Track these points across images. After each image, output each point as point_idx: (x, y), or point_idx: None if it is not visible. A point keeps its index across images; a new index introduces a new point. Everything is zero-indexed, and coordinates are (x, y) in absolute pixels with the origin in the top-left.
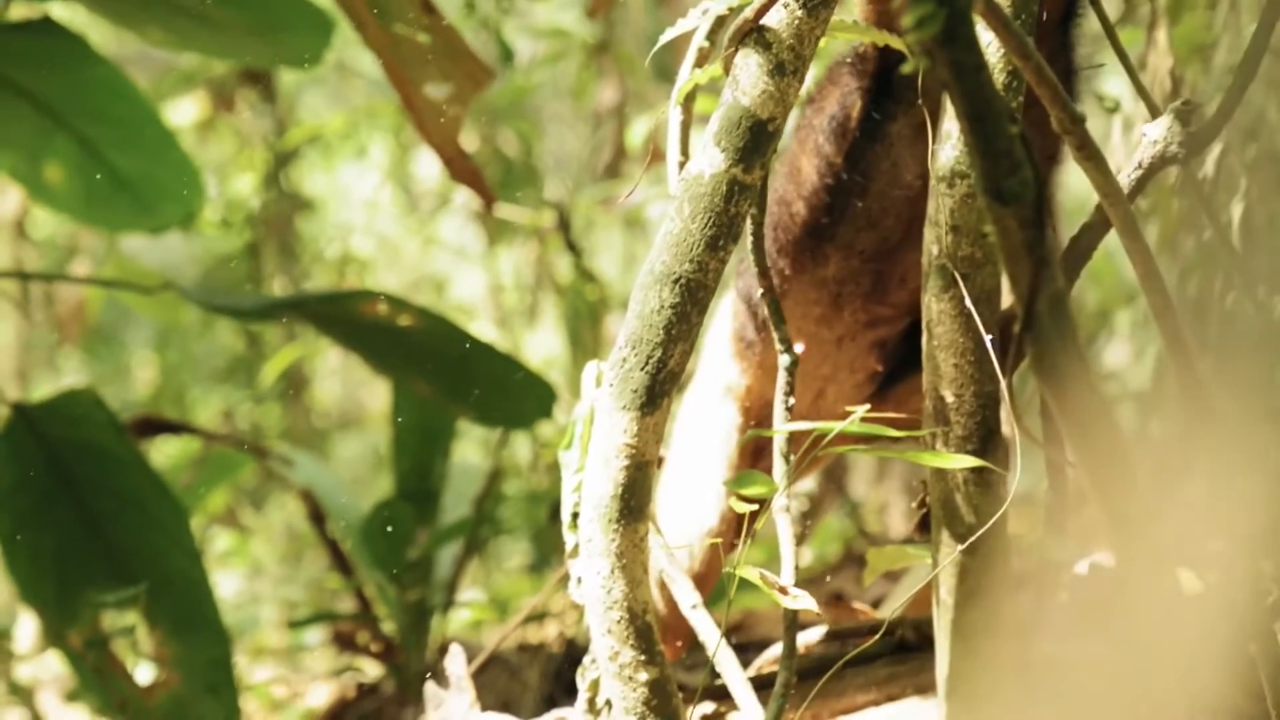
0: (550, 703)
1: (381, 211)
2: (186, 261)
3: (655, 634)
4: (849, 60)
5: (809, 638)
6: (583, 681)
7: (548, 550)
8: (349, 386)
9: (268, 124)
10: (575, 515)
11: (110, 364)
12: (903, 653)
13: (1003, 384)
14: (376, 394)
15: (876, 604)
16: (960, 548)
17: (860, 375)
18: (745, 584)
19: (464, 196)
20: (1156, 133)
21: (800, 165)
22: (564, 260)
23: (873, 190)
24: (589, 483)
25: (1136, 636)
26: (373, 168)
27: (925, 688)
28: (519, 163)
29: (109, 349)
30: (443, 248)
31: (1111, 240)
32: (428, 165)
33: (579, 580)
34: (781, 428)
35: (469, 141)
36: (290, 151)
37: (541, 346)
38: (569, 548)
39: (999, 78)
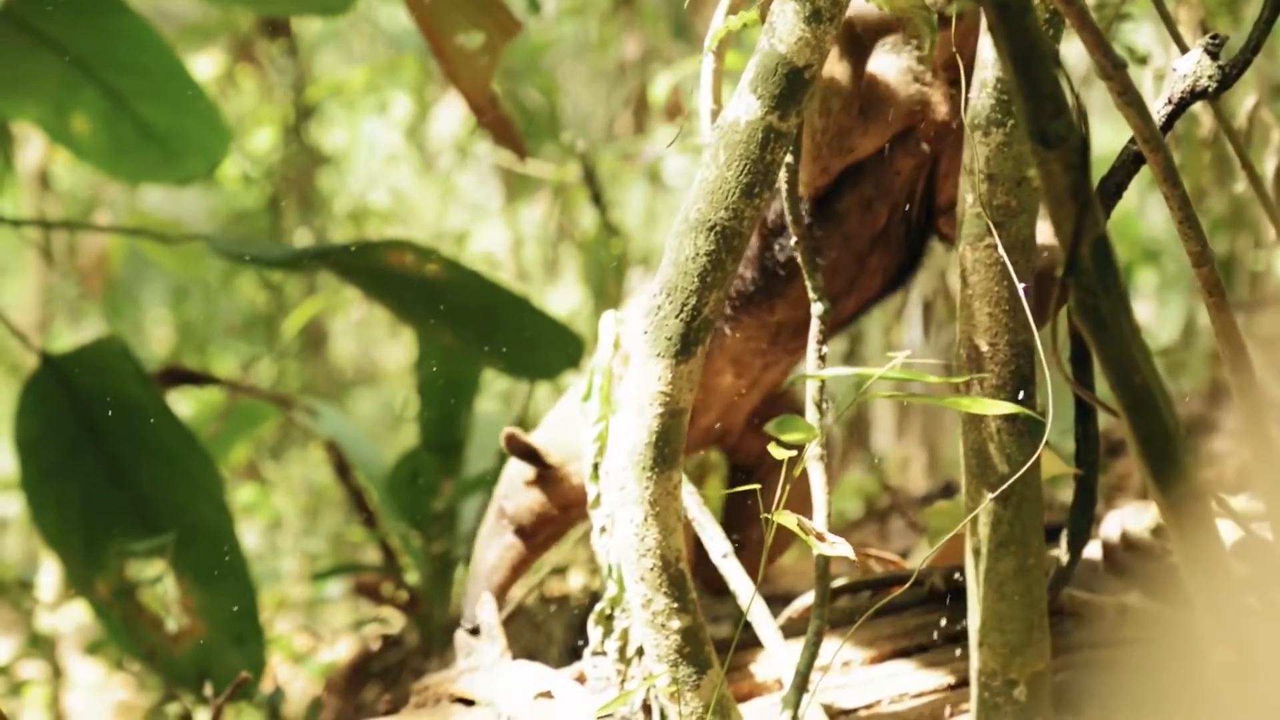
0: (574, 654)
1: (401, 166)
2: (205, 216)
3: (688, 582)
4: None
5: (804, 601)
6: (596, 630)
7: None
8: (364, 344)
9: (288, 78)
10: (595, 466)
11: (129, 320)
12: (933, 602)
13: (1035, 334)
14: (391, 352)
15: (904, 555)
16: (992, 496)
17: (767, 392)
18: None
19: (486, 151)
20: (1186, 67)
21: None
22: (586, 215)
23: (825, 258)
24: (622, 430)
25: None
26: (393, 124)
27: (956, 637)
28: (541, 117)
29: (126, 306)
30: (462, 202)
31: (1131, 199)
32: (446, 121)
33: (600, 530)
34: (814, 374)
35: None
36: (311, 106)
37: (562, 301)
38: (590, 499)
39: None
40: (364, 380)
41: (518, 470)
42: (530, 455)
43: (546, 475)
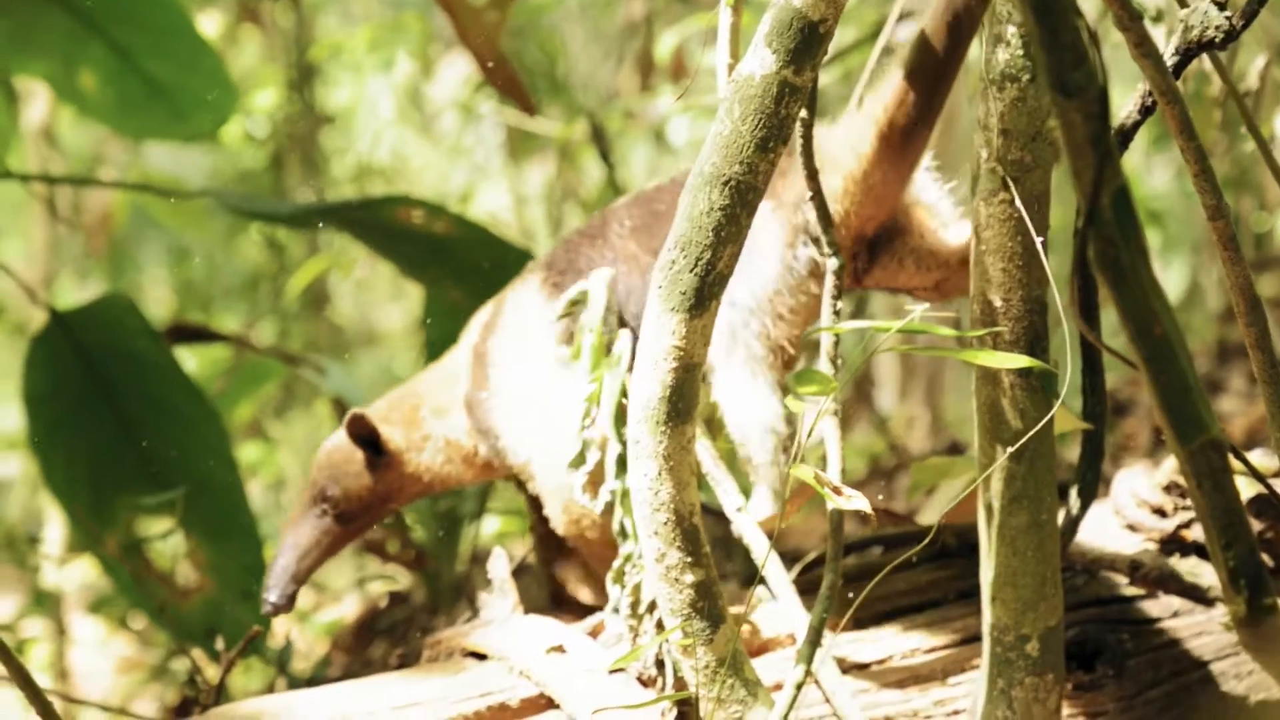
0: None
1: (404, 126)
2: (207, 175)
3: (702, 536)
4: None
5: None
6: (614, 588)
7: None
8: (362, 307)
9: (291, 37)
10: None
11: (128, 280)
12: (944, 558)
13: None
14: (390, 314)
15: (913, 513)
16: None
17: None
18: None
19: (489, 110)
20: (1195, 18)
21: None
22: (590, 174)
23: None
24: (635, 385)
25: None
26: (396, 83)
27: (968, 592)
28: (544, 76)
29: (127, 266)
30: (466, 162)
31: (1133, 158)
32: (450, 80)
33: (584, 486)
34: (829, 327)
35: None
36: (313, 65)
37: None
38: (572, 455)
39: None
40: (364, 341)
41: (346, 452)
42: (371, 441)
43: (381, 461)
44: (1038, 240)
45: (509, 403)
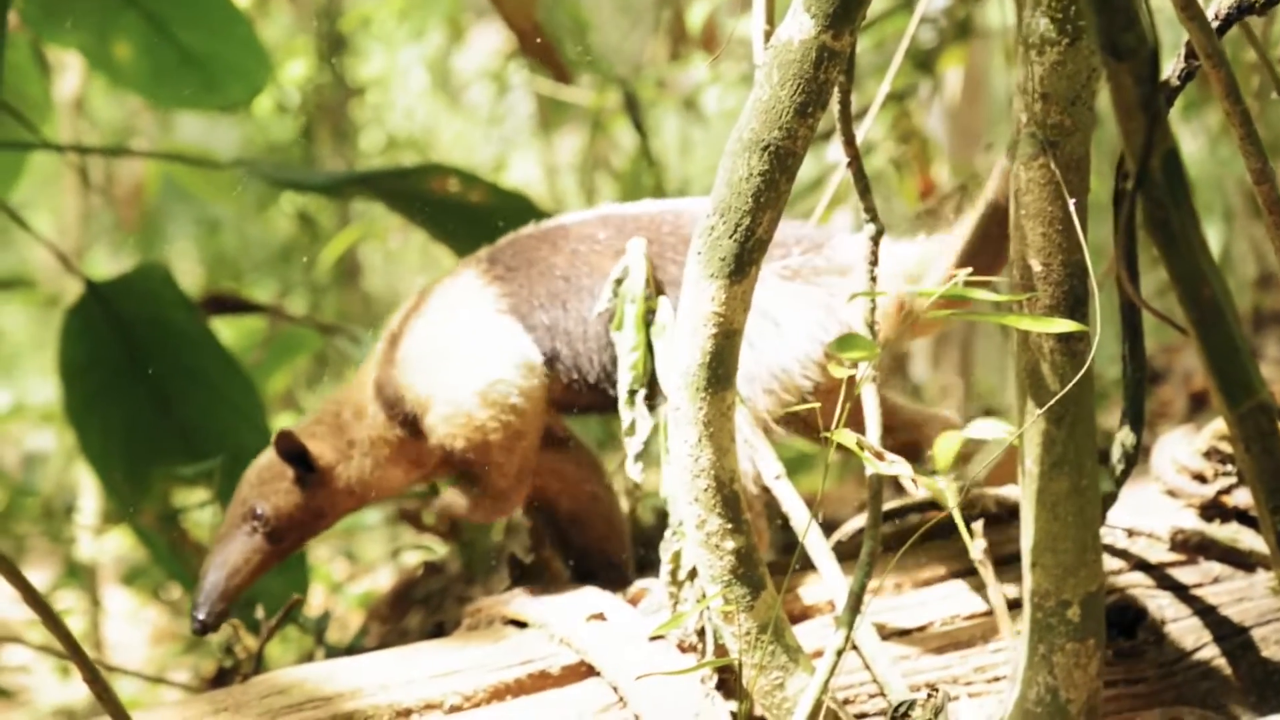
0: (620, 580)
1: (435, 96)
2: (238, 147)
3: (742, 502)
4: None
5: (853, 525)
6: (666, 553)
7: (615, 429)
8: (393, 278)
9: (321, 7)
10: (632, 393)
11: (157, 252)
12: (985, 524)
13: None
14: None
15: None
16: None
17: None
18: None
19: (520, 80)
20: None
21: None
22: (622, 143)
23: None
24: (676, 352)
25: None
26: (426, 54)
27: (1007, 559)
28: (574, 46)
29: (157, 238)
30: (495, 133)
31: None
32: (480, 50)
33: (635, 458)
34: (867, 292)
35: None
36: (343, 36)
37: None
38: (624, 425)
39: None
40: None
41: (276, 470)
42: (301, 458)
43: (312, 478)
44: (1070, 204)
45: (414, 361)
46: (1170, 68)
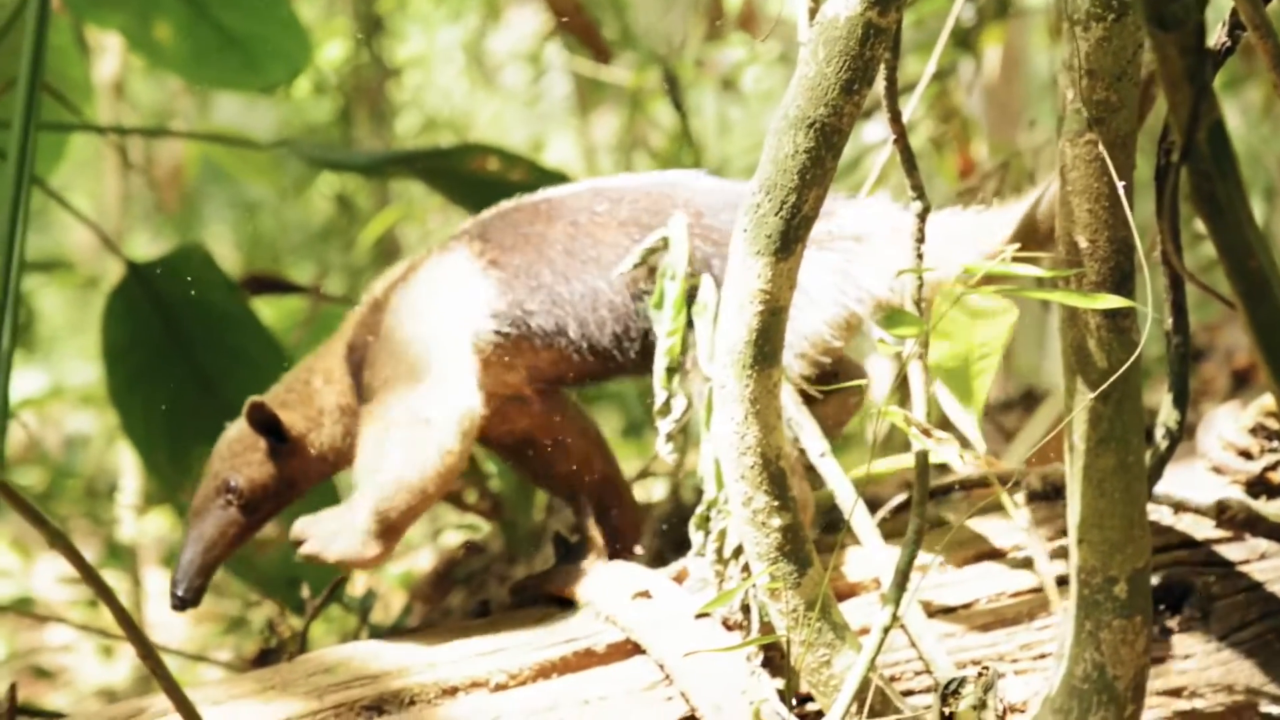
0: (659, 559)
1: (472, 77)
2: (276, 129)
3: (788, 480)
4: None
5: (895, 502)
6: (697, 534)
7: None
8: None
9: None
10: (670, 371)
11: (198, 233)
12: (1030, 502)
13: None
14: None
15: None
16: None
17: None
18: None
19: (558, 61)
20: None
21: None
22: (660, 123)
23: None
24: (722, 329)
25: None
26: (464, 35)
27: (1053, 536)
28: (612, 25)
29: (195, 220)
30: (533, 113)
31: None
32: (518, 31)
33: (667, 438)
34: (913, 269)
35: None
36: (381, 17)
37: None
38: (657, 405)
39: None
40: None
41: (248, 441)
42: (273, 428)
43: (284, 449)
44: (1119, 184)
45: (391, 346)
46: (1214, 39)
